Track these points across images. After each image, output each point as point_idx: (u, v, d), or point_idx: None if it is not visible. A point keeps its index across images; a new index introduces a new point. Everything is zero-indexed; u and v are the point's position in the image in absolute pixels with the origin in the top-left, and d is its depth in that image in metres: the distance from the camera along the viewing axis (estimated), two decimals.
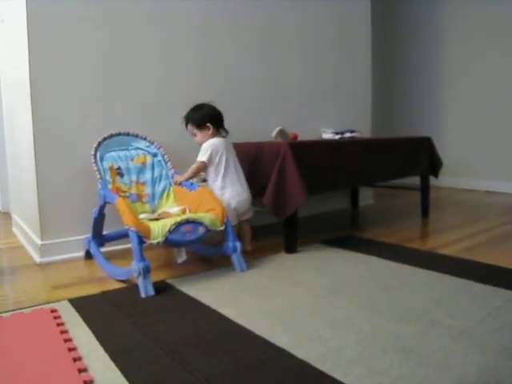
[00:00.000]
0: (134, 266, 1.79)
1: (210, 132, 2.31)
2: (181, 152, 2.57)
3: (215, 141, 2.29)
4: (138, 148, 2.39)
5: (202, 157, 2.27)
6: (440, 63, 4.96)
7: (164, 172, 2.39)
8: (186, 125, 2.37)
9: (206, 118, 2.31)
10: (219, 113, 2.36)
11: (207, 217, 2.02)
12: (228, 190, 2.29)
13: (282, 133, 2.71)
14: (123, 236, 2.31)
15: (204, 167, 2.29)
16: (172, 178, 2.37)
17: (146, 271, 1.79)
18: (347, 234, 2.81)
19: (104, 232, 2.34)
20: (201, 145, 2.32)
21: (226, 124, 2.39)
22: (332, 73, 3.61)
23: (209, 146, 2.27)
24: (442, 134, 4.85)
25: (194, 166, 2.30)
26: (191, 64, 2.78)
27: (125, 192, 2.24)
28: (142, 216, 2.11)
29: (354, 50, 3.78)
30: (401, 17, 5.29)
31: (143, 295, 1.77)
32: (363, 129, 3.70)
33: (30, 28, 2.21)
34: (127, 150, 2.36)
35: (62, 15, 2.29)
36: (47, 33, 2.26)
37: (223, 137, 2.35)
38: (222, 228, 2.06)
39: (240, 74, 3.02)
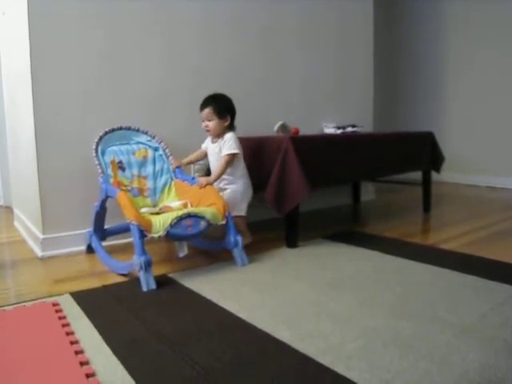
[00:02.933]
0: (136, 259, 1.79)
1: (227, 124, 2.29)
2: (182, 147, 2.57)
3: (235, 134, 2.30)
4: (139, 142, 2.39)
5: (235, 148, 2.25)
6: (442, 59, 4.95)
7: (165, 166, 2.38)
8: (204, 108, 2.29)
9: (229, 108, 2.31)
10: (235, 107, 2.35)
11: (209, 211, 2.02)
12: (245, 180, 2.35)
13: (283, 127, 2.71)
14: (125, 230, 2.32)
15: (234, 159, 2.28)
16: (173, 172, 2.37)
17: (148, 265, 1.79)
18: (349, 229, 2.81)
19: (105, 226, 2.34)
20: (211, 131, 2.30)
21: None
22: (334, 68, 3.59)
23: (235, 138, 2.27)
24: (444, 129, 4.84)
25: (223, 162, 2.24)
26: (193, 60, 2.77)
27: (126, 186, 2.23)
28: (143, 210, 2.11)
29: (356, 45, 3.76)
30: (404, 12, 5.27)
31: (144, 289, 1.77)
32: (365, 124, 3.69)
33: (32, 21, 2.20)
34: (128, 144, 2.35)
35: (64, 9, 2.28)
36: (49, 26, 2.25)
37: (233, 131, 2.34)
38: (224, 222, 2.06)
39: (242, 70, 3.01)
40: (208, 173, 2.43)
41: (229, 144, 2.25)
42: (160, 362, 1.23)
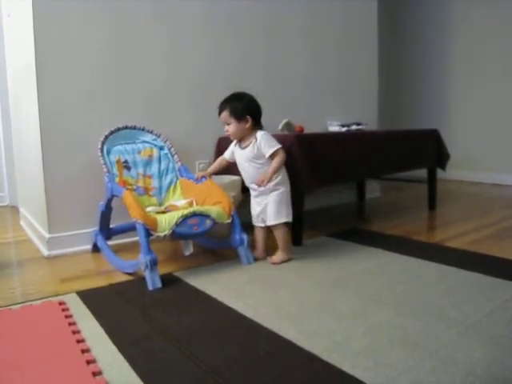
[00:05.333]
0: (141, 258, 1.80)
1: (248, 126, 2.07)
2: (187, 145, 2.57)
3: (266, 132, 2.12)
4: (144, 141, 2.39)
5: (277, 144, 2.05)
6: (448, 57, 4.92)
7: (171, 165, 2.39)
8: (221, 112, 2.11)
9: (247, 109, 2.08)
10: (259, 106, 2.14)
11: (214, 209, 2.02)
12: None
13: (288, 125, 2.71)
14: (130, 229, 2.32)
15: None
16: (179, 171, 2.37)
17: (153, 264, 1.79)
18: (354, 227, 2.81)
19: (111, 225, 2.35)
20: (231, 136, 2.12)
21: None
22: (338, 66, 3.58)
23: (270, 135, 2.10)
24: (449, 126, 4.81)
25: (278, 159, 2.04)
26: (197, 59, 2.77)
27: (132, 185, 2.24)
28: (149, 209, 2.11)
29: (361, 44, 3.75)
30: (409, 11, 5.25)
31: (150, 288, 1.78)
32: (370, 121, 3.68)
33: (36, 23, 2.21)
34: (134, 143, 2.36)
35: (68, 10, 2.29)
36: (53, 27, 2.26)
37: None
38: (229, 221, 2.06)
39: (246, 69, 3.01)
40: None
41: (268, 141, 2.06)
42: (166, 360, 1.24)
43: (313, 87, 3.42)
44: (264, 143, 2.05)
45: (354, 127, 3.16)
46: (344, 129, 3.16)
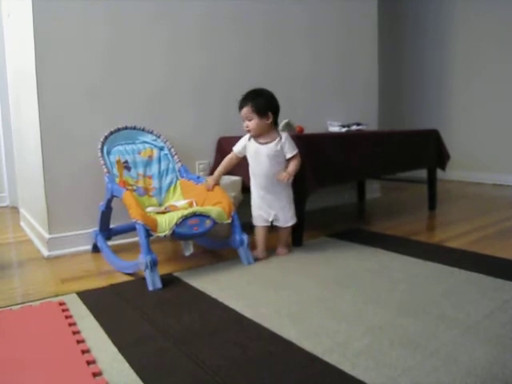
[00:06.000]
0: (141, 258, 1.80)
1: (269, 122, 2.09)
2: (188, 146, 2.57)
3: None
4: (144, 142, 2.39)
5: (296, 148, 2.13)
6: (447, 57, 4.93)
7: (171, 165, 2.39)
8: (242, 107, 2.11)
9: (270, 105, 2.11)
10: (278, 103, 2.17)
11: (214, 210, 2.02)
12: None
13: (288, 126, 2.70)
14: (130, 229, 2.33)
15: None
16: (179, 171, 2.37)
17: (153, 264, 1.79)
18: (354, 228, 2.81)
19: (111, 225, 2.35)
20: (251, 131, 2.12)
21: (233, 118, 2.38)
22: (338, 66, 3.59)
23: (291, 138, 2.15)
24: (450, 126, 4.82)
25: (298, 162, 2.12)
26: (198, 59, 2.77)
27: (132, 185, 2.24)
28: (149, 209, 2.11)
29: (361, 43, 3.75)
30: (409, 10, 5.25)
31: (150, 288, 1.78)
32: (370, 122, 3.68)
33: (36, 23, 2.21)
34: (134, 143, 2.36)
35: (68, 10, 2.29)
36: (53, 27, 2.26)
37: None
38: (229, 221, 2.06)
39: (246, 69, 3.01)
40: (212, 172, 2.40)
41: (292, 144, 2.13)
42: (166, 360, 1.23)
43: (313, 87, 3.42)
44: (288, 145, 2.12)
45: (354, 127, 3.16)
46: (344, 129, 3.16)
